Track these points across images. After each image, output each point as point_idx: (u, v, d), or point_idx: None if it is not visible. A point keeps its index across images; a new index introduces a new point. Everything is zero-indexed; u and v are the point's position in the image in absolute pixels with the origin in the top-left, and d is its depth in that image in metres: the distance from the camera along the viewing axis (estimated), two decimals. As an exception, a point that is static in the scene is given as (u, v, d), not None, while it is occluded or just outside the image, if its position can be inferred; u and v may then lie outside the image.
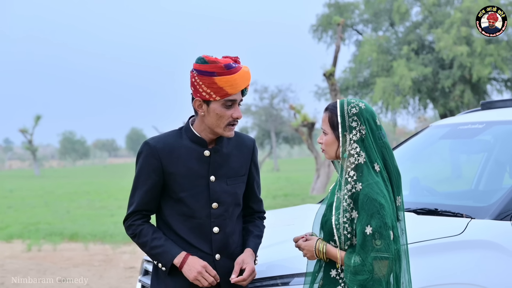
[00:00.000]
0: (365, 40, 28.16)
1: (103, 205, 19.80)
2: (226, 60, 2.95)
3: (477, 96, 27.40)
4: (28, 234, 12.84)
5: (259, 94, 52.95)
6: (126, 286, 7.87)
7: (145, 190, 3.00)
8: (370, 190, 2.69)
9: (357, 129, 2.75)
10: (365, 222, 2.66)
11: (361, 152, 2.74)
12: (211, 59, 2.93)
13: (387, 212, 2.68)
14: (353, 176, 2.74)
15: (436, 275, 3.31)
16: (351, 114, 2.76)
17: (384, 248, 2.65)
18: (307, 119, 20.32)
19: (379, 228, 2.65)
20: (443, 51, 25.16)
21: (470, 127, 4.46)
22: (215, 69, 2.91)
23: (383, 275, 2.65)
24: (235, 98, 2.95)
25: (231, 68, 2.91)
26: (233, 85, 2.92)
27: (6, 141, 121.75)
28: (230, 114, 2.96)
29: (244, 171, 3.10)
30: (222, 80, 2.90)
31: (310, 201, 16.26)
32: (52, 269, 9.05)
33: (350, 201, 2.73)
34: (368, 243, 2.65)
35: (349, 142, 2.75)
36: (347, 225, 2.73)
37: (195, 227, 3.00)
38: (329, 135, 2.81)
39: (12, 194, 27.54)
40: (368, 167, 2.73)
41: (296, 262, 3.33)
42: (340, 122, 2.76)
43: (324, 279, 2.85)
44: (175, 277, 3.00)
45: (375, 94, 26.44)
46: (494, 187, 4.58)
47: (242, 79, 2.94)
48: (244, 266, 2.99)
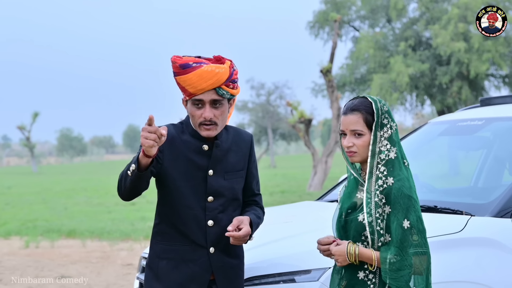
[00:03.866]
0: (362, 36, 28.14)
1: (101, 202, 19.77)
2: (188, 59, 2.94)
3: (475, 93, 27.39)
4: (26, 230, 12.83)
5: (255, 91, 52.96)
6: (124, 283, 7.86)
7: None
8: (402, 185, 2.67)
9: (388, 126, 2.74)
10: (401, 217, 2.64)
11: (391, 147, 2.73)
12: (173, 59, 2.96)
13: (419, 208, 2.69)
14: (384, 172, 2.71)
15: (436, 272, 3.30)
16: (384, 111, 2.76)
17: (422, 243, 2.64)
18: (304, 115, 20.30)
19: (416, 222, 2.64)
20: (441, 47, 25.15)
21: (469, 124, 4.45)
22: (174, 69, 2.96)
23: (424, 270, 2.65)
24: (201, 98, 2.93)
25: (187, 67, 2.91)
26: (191, 85, 2.91)
27: (4, 138, 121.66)
28: (200, 114, 2.96)
29: (242, 166, 3.11)
30: (181, 80, 2.94)
31: (307, 197, 16.26)
32: (50, 265, 9.04)
33: (382, 197, 2.70)
34: (407, 237, 2.62)
35: (379, 140, 2.74)
36: (379, 221, 2.69)
37: (191, 219, 3.01)
38: (366, 136, 2.75)
39: (10, 190, 27.50)
40: (399, 161, 2.72)
41: (295, 260, 3.33)
42: (375, 120, 2.74)
43: (348, 281, 2.77)
44: (169, 271, 3.00)
45: (372, 90, 26.42)
46: (493, 184, 4.57)
47: (199, 79, 2.90)
48: (241, 226, 2.96)
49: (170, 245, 3.03)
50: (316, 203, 4.68)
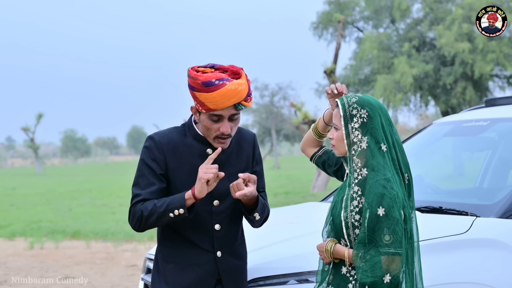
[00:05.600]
0: (365, 37, 28.11)
1: (105, 203, 19.79)
2: (209, 76, 2.84)
3: (479, 93, 27.34)
4: (30, 232, 12.85)
5: (259, 92, 52.97)
6: (128, 284, 7.87)
7: (149, 178, 2.96)
8: (376, 180, 2.66)
9: (357, 116, 2.76)
10: (376, 205, 2.62)
11: (362, 137, 2.74)
12: (193, 74, 2.87)
13: (397, 205, 2.64)
14: (358, 163, 2.74)
15: (441, 273, 3.30)
16: (351, 103, 2.78)
17: (396, 244, 2.61)
18: (307, 116, 20.30)
19: (390, 209, 2.60)
20: (445, 48, 25.11)
21: (474, 124, 4.43)
22: (194, 85, 2.87)
23: (396, 272, 2.60)
24: (220, 113, 2.89)
25: (210, 85, 2.82)
26: (213, 103, 2.85)
27: (9, 139, 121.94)
28: (217, 128, 2.92)
29: (246, 166, 3.10)
30: (201, 96, 2.85)
31: (311, 198, 16.25)
32: (54, 267, 9.05)
33: (358, 188, 2.71)
34: (381, 227, 2.59)
35: (351, 131, 2.76)
36: (354, 213, 2.70)
37: (197, 225, 3.00)
38: (340, 130, 2.80)
39: (14, 192, 27.55)
40: (371, 150, 2.72)
41: (300, 261, 3.32)
42: (342, 113, 2.77)
43: (334, 276, 2.81)
44: (176, 274, 3.00)
45: (376, 91, 26.39)
46: (499, 185, 4.55)
47: (224, 98, 2.83)
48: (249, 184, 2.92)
49: (178, 250, 3.02)
50: (320, 204, 4.67)
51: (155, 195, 2.95)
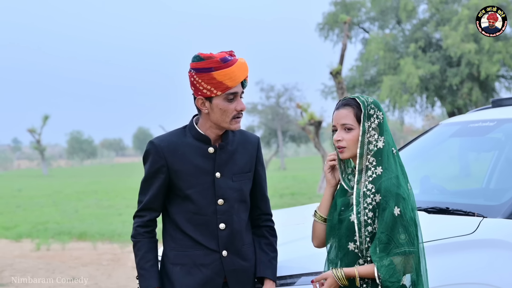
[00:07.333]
0: (371, 38, 28.10)
1: (111, 204, 19.83)
2: (221, 54, 2.98)
3: (485, 94, 27.29)
4: (37, 233, 12.89)
5: (265, 93, 52.90)
6: (135, 285, 7.86)
7: (152, 188, 3.01)
8: (391, 183, 2.69)
9: (374, 116, 2.78)
10: (392, 204, 2.66)
11: (379, 137, 2.77)
12: (206, 55, 2.96)
13: (409, 205, 2.70)
14: (373, 162, 2.76)
15: (448, 274, 3.29)
16: (369, 103, 2.79)
17: (410, 242, 2.66)
18: (314, 117, 20.27)
19: (404, 210, 2.66)
20: (451, 49, 25.07)
21: (481, 125, 4.42)
22: (212, 64, 2.93)
23: (411, 272, 2.67)
24: (235, 90, 2.97)
25: (227, 61, 2.94)
26: (231, 78, 2.94)
27: (15, 141, 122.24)
28: (233, 107, 2.98)
29: (249, 167, 3.10)
30: (220, 74, 2.93)
31: (317, 199, 16.24)
32: (61, 268, 9.07)
33: (372, 186, 2.73)
34: (397, 226, 2.64)
35: (368, 130, 2.77)
36: (367, 211, 2.72)
37: (202, 224, 3.01)
38: (356, 130, 2.78)
39: (21, 193, 27.63)
40: (387, 151, 2.76)
41: (307, 262, 3.31)
42: (363, 111, 2.77)
43: None
44: (183, 276, 3.00)
45: (382, 92, 26.37)
46: (505, 186, 4.53)
47: (240, 71, 2.96)
48: None
49: (183, 251, 3.03)
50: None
51: (156, 199, 3.02)
